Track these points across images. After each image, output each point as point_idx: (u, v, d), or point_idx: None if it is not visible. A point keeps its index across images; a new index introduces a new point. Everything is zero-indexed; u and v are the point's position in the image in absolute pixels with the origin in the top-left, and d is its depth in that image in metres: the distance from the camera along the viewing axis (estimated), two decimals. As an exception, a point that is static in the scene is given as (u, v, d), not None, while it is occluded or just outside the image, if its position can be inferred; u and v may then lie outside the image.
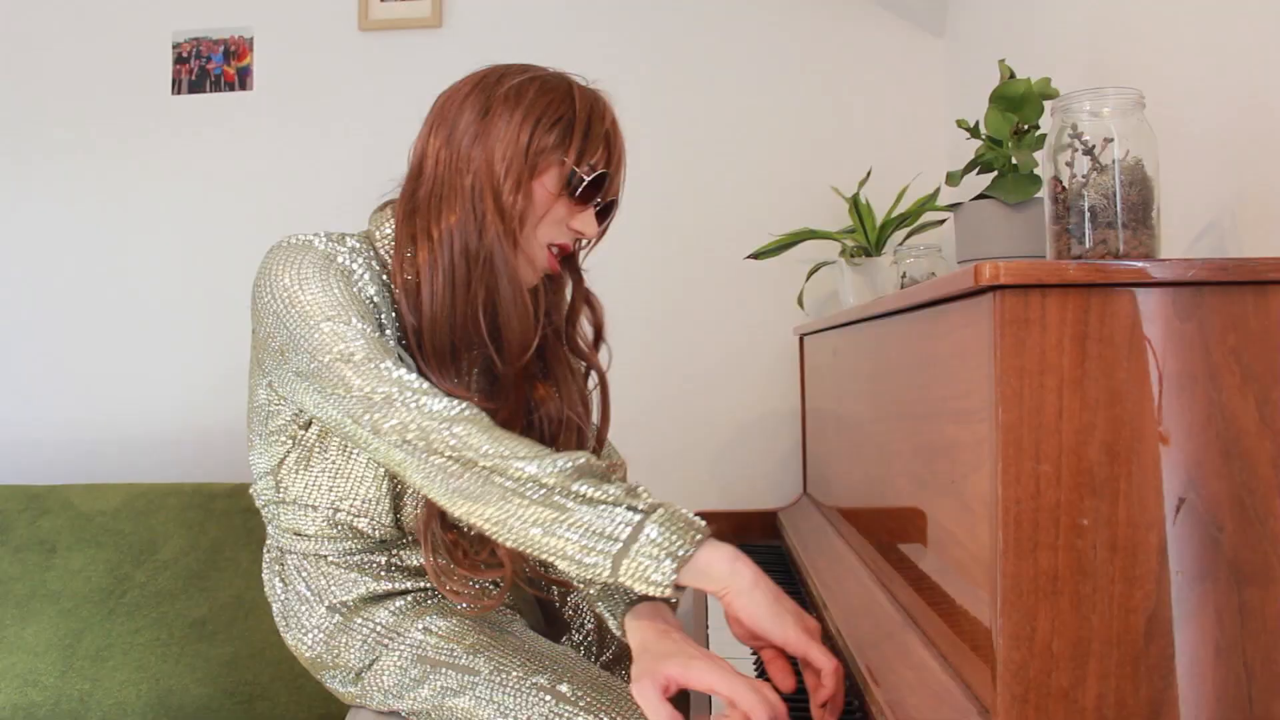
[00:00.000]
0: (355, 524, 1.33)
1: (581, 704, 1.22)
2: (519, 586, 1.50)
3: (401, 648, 1.32)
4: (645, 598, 1.20)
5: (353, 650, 1.35)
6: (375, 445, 1.13)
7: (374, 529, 1.33)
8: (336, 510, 1.32)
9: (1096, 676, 0.78)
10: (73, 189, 2.57)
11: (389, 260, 1.31)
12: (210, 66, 2.56)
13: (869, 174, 2.11)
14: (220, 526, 2.12)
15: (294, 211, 2.50)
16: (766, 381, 2.42)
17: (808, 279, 2.20)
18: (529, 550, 1.06)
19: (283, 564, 1.40)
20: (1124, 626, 0.78)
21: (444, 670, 1.29)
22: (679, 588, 1.02)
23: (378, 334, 1.19)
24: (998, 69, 1.30)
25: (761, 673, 1.23)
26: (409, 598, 1.37)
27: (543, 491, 1.04)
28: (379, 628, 1.34)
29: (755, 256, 2.04)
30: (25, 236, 2.58)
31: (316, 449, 1.31)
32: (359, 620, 1.35)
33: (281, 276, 1.21)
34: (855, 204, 2.01)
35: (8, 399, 2.58)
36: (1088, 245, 0.95)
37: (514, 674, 1.26)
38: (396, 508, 1.33)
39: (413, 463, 1.10)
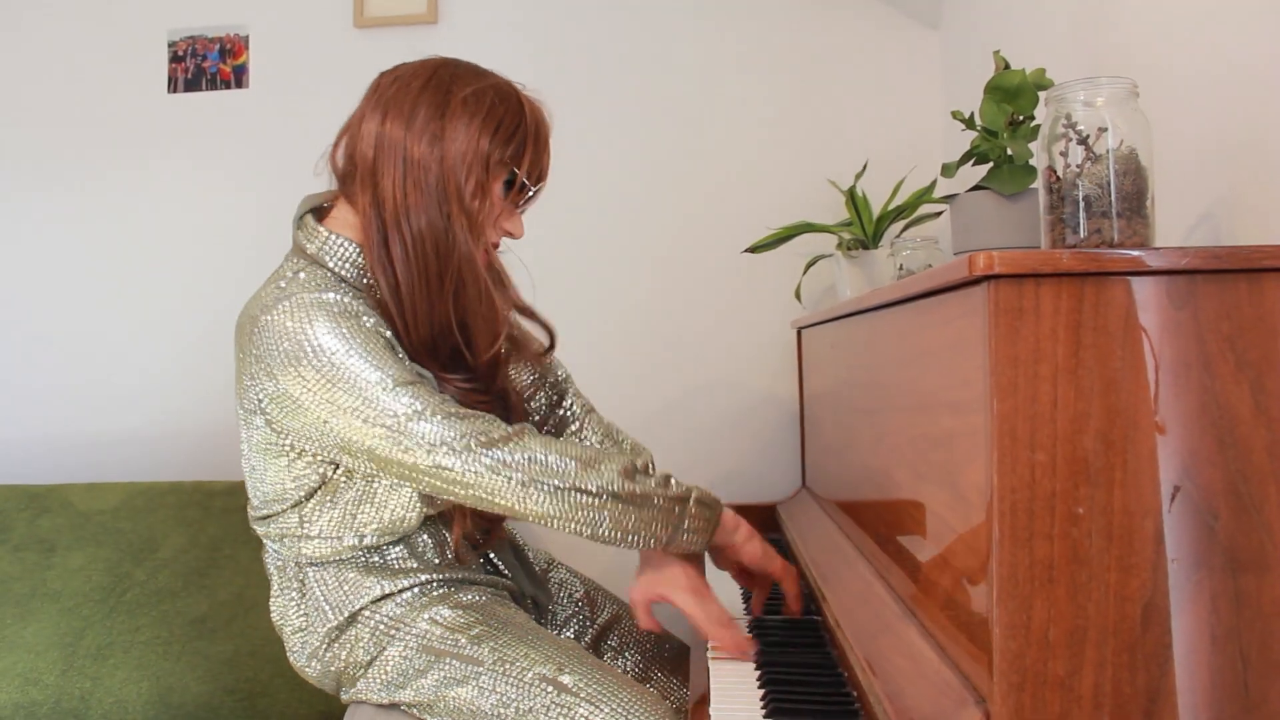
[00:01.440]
0: (380, 542, 1.37)
1: (583, 695, 1.25)
2: (512, 564, 1.55)
3: (407, 638, 1.34)
4: None
5: (361, 645, 1.36)
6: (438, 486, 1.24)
7: (396, 536, 1.38)
8: (363, 536, 1.36)
9: (1093, 665, 0.78)
10: (69, 189, 2.57)
11: (351, 274, 1.34)
12: (206, 65, 2.56)
13: (865, 166, 2.11)
14: (219, 524, 2.12)
15: (291, 210, 2.50)
16: (764, 375, 2.42)
17: (805, 272, 2.20)
18: (599, 541, 1.27)
19: (303, 577, 1.40)
20: (1120, 615, 0.78)
21: (448, 660, 1.31)
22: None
23: (413, 378, 1.25)
24: (992, 60, 1.30)
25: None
26: (416, 590, 1.38)
27: (609, 498, 1.24)
28: (385, 619, 1.35)
29: (752, 250, 2.04)
30: (21, 236, 2.58)
31: (343, 483, 1.33)
32: (367, 614, 1.36)
33: (309, 342, 1.23)
34: (852, 197, 2.01)
35: (5, 399, 2.58)
36: (1082, 235, 0.95)
37: (517, 665, 1.28)
38: (423, 518, 1.37)
39: (507, 489, 1.23)
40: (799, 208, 2.31)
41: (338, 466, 1.32)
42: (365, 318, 1.27)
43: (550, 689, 1.26)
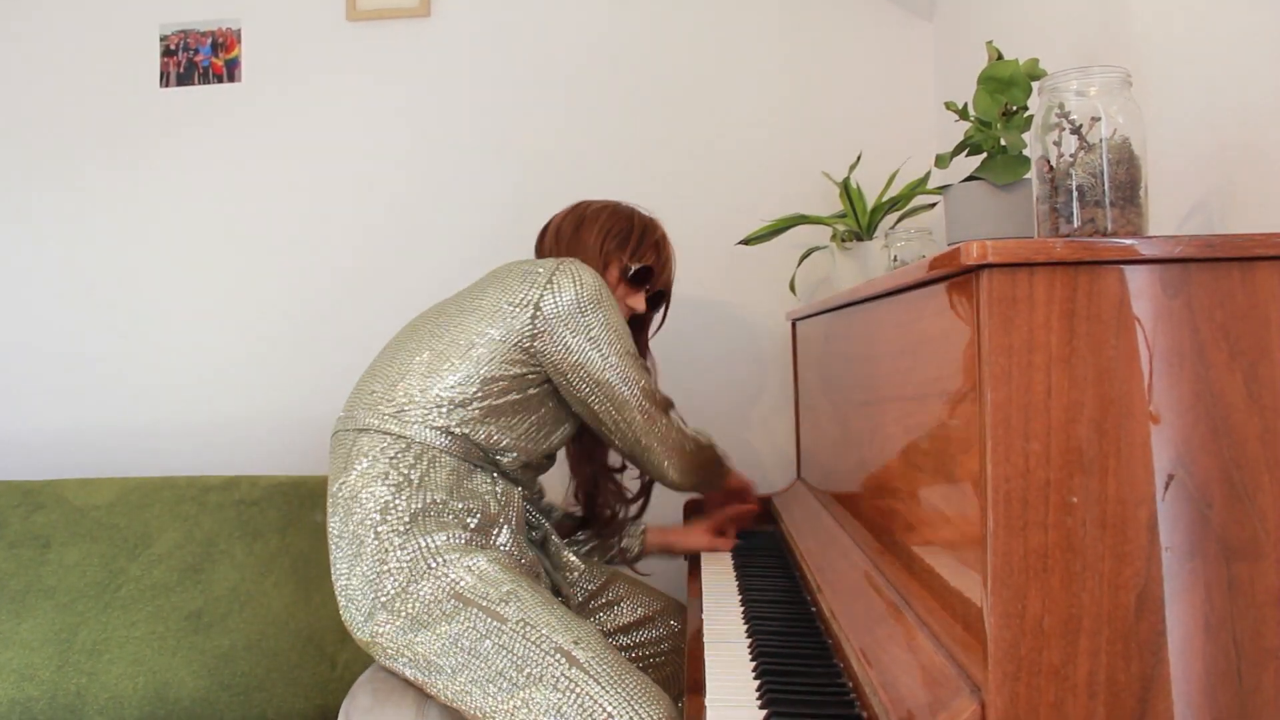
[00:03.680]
0: (515, 461, 1.60)
1: (592, 672, 1.33)
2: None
3: (441, 578, 1.42)
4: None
5: (401, 561, 1.43)
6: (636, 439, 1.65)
7: (533, 460, 1.65)
8: (514, 441, 1.59)
9: (1087, 653, 0.78)
10: (61, 183, 2.56)
11: None
12: (198, 59, 2.55)
13: (859, 158, 2.11)
14: (214, 519, 2.11)
15: (284, 203, 2.50)
16: (759, 366, 2.42)
17: (799, 264, 2.20)
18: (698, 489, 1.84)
19: (412, 458, 1.51)
20: (1114, 603, 0.78)
21: (474, 611, 1.39)
22: None
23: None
24: (985, 51, 1.29)
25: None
26: (469, 534, 1.48)
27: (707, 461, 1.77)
28: (429, 549, 1.44)
29: (747, 242, 2.04)
30: (12, 231, 2.57)
31: (538, 391, 1.61)
32: (420, 537, 1.45)
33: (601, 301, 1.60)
34: (846, 188, 2.00)
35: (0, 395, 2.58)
36: (1076, 224, 0.95)
37: (538, 630, 1.37)
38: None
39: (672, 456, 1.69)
40: (793, 200, 2.31)
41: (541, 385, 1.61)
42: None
43: (563, 660, 1.34)
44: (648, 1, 2.46)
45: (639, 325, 1.93)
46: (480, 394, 1.55)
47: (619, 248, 1.80)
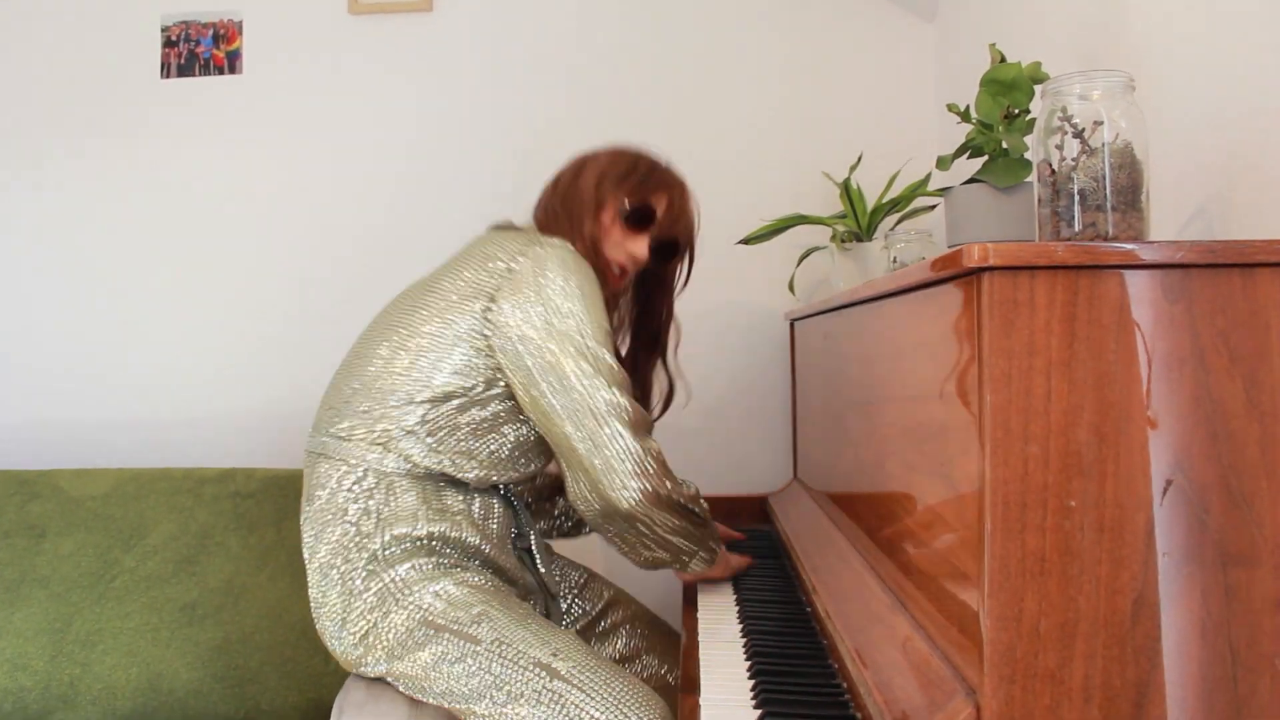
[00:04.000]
0: (477, 477, 1.48)
1: (575, 683, 1.27)
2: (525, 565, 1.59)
3: (410, 607, 1.36)
4: None
5: (369, 597, 1.38)
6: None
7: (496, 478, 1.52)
8: (470, 458, 1.47)
9: (1083, 657, 0.78)
10: (61, 175, 2.55)
11: None
12: (199, 50, 2.54)
13: (860, 159, 2.10)
14: (210, 511, 2.11)
15: (284, 196, 2.49)
16: (757, 366, 2.42)
17: (799, 264, 2.20)
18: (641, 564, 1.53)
19: (365, 486, 1.44)
20: (1111, 607, 0.78)
21: (446, 636, 1.34)
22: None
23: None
24: (988, 53, 1.29)
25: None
26: (435, 559, 1.41)
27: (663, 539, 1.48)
28: (396, 581, 1.38)
29: (746, 242, 2.03)
30: (11, 221, 2.56)
31: (493, 397, 1.47)
32: (384, 571, 1.39)
33: (568, 289, 1.44)
34: (846, 189, 2.00)
35: (-4, 384, 2.57)
36: (1077, 228, 0.95)
37: (514, 648, 1.32)
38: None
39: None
40: (793, 200, 2.31)
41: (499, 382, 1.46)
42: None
43: (543, 674, 1.28)
44: (649, 3, 2.45)
45: (652, 283, 1.77)
46: (432, 415, 1.44)
47: (617, 184, 1.63)
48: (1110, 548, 0.78)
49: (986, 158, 1.26)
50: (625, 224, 1.62)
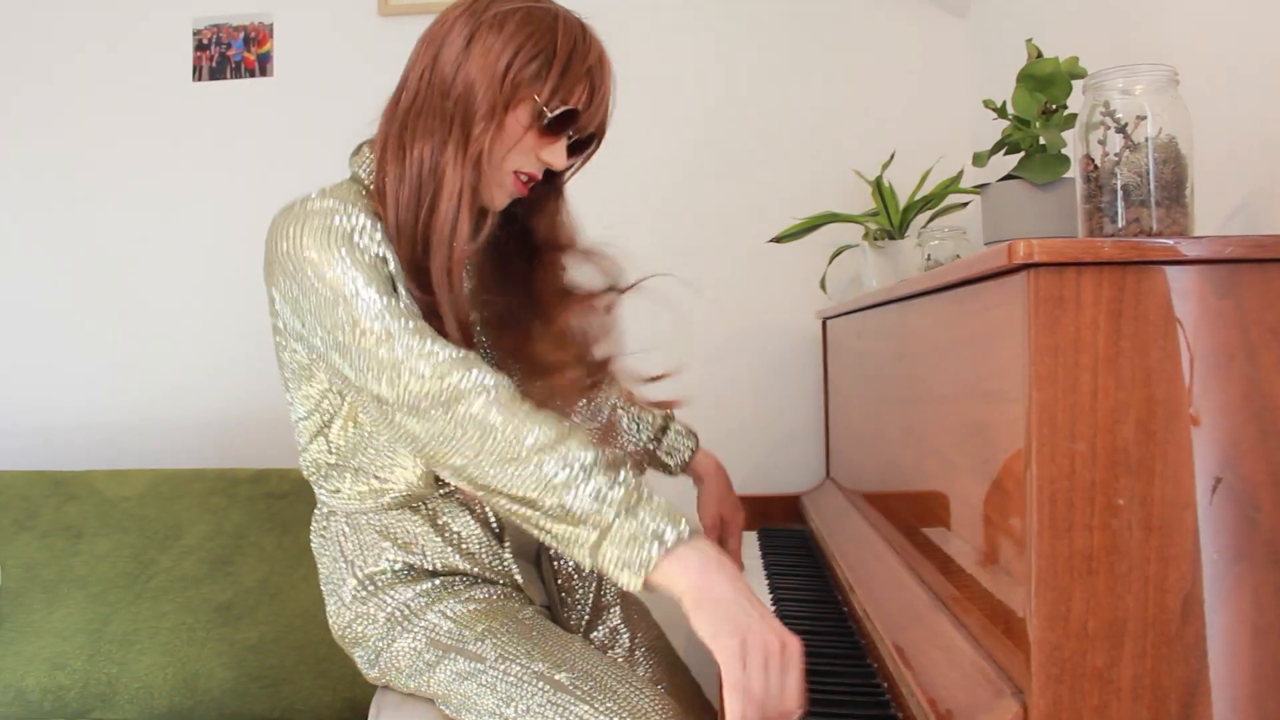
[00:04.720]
0: (400, 501, 1.37)
1: (578, 693, 1.22)
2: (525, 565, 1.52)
3: (416, 630, 1.34)
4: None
5: (376, 626, 1.36)
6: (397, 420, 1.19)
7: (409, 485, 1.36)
8: (386, 486, 1.35)
9: (1132, 657, 0.77)
10: (95, 177, 2.57)
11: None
12: (230, 53, 2.56)
13: (892, 157, 2.10)
14: (244, 512, 2.13)
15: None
16: (789, 365, 2.42)
17: (830, 262, 2.19)
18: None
19: (327, 525, 1.42)
20: (1159, 607, 0.77)
21: (454, 655, 1.31)
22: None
23: (389, 299, 1.20)
24: (1021, 49, 1.28)
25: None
26: (437, 581, 1.38)
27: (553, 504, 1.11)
28: (401, 606, 1.35)
29: (778, 240, 2.03)
30: (48, 224, 2.59)
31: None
32: (384, 596, 1.36)
33: (293, 250, 1.24)
34: (878, 187, 1.99)
35: (33, 386, 2.59)
36: (1120, 224, 0.94)
37: (517, 662, 1.27)
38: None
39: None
40: (824, 198, 2.30)
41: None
42: (359, 233, 1.25)
43: (546, 687, 1.24)
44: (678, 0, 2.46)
45: (548, 185, 1.43)
46: (314, 436, 1.38)
47: (535, 77, 1.26)
48: (1159, 546, 0.77)
49: (1023, 154, 1.25)
50: (542, 131, 1.29)
